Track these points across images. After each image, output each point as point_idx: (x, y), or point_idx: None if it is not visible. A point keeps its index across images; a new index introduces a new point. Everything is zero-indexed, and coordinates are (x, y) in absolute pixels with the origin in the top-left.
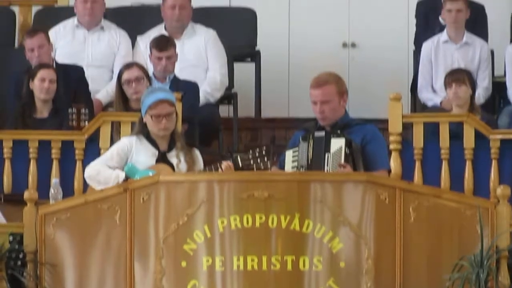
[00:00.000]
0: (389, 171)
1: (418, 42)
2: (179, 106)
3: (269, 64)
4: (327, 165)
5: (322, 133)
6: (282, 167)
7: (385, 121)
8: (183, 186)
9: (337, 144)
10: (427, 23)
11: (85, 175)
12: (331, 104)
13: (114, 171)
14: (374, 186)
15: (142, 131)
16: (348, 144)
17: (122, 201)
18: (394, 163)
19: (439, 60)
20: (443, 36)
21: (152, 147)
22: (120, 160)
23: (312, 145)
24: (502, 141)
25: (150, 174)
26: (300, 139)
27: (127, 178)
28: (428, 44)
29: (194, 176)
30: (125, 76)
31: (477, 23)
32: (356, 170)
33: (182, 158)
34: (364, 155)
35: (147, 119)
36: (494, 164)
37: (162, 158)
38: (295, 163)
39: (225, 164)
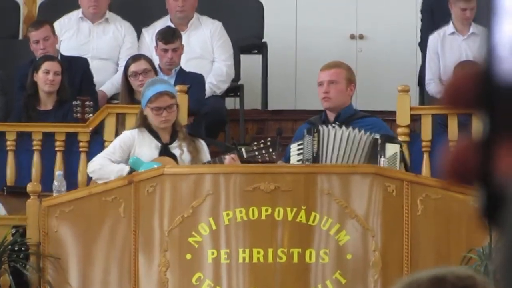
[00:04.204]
0: None
1: (424, 35)
2: (185, 98)
3: (276, 56)
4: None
5: (376, 136)
6: (287, 159)
7: (393, 113)
8: (188, 178)
9: (393, 149)
10: (432, 17)
11: (88, 170)
12: (338, 86)
13: (118, 165)
14: (381, 178)
15: (144, 123)
16: (400, 149)
17: (127, 194)
18: None
19: (446, 53)
20: (449, 28)
21: (155, 140)
22: (122, 153)
23: (317, 138)
24: None
25: (155, 166)
26: (305, 132)
27: (131, 171)
28: (434, 36)
29: (200, 169)
30: (132, 68)
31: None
32: (408, 171)
33: (184, 149)
34: None
35: (147, 112)
36: None
37: (165, 151)
38: (300, 157)
39: (228, 158)
